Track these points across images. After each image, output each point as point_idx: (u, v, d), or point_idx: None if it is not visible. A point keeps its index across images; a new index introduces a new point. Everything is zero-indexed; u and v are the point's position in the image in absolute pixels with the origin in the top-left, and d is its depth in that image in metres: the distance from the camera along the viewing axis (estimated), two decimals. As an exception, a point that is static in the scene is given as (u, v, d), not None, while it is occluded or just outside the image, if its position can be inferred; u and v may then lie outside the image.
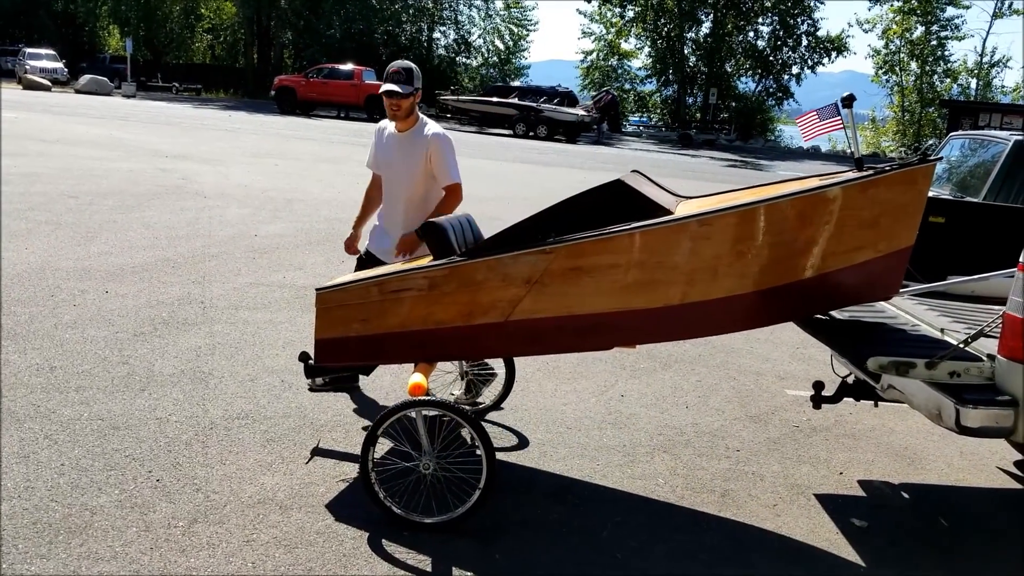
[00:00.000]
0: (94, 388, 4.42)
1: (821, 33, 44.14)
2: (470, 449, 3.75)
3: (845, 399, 4.02)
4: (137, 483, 3.49)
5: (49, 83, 35.53)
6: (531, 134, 30.73)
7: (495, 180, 15.66)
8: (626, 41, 47.92)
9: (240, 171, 13.60)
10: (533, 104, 31.20)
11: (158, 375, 4.68)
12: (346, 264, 4.52)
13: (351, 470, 3.75)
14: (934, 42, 41.37)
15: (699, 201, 3.79)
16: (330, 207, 10.76)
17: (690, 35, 44.98)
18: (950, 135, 8.26)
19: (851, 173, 3.35)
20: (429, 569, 3.08)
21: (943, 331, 3.51)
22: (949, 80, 42.07)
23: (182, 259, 7.36)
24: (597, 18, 47.56)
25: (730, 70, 45.53)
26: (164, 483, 3.51)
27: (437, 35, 49.28)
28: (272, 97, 33.28)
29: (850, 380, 3.97)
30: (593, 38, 48.55)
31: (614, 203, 3.49)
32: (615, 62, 48.99)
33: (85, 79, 36.47)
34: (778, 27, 44.15)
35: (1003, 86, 42.16)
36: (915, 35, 41.51)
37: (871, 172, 3.21)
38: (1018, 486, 4.27)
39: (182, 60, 50.47)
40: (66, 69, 39.59)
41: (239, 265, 7.33)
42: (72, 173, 11.69)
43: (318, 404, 4.49)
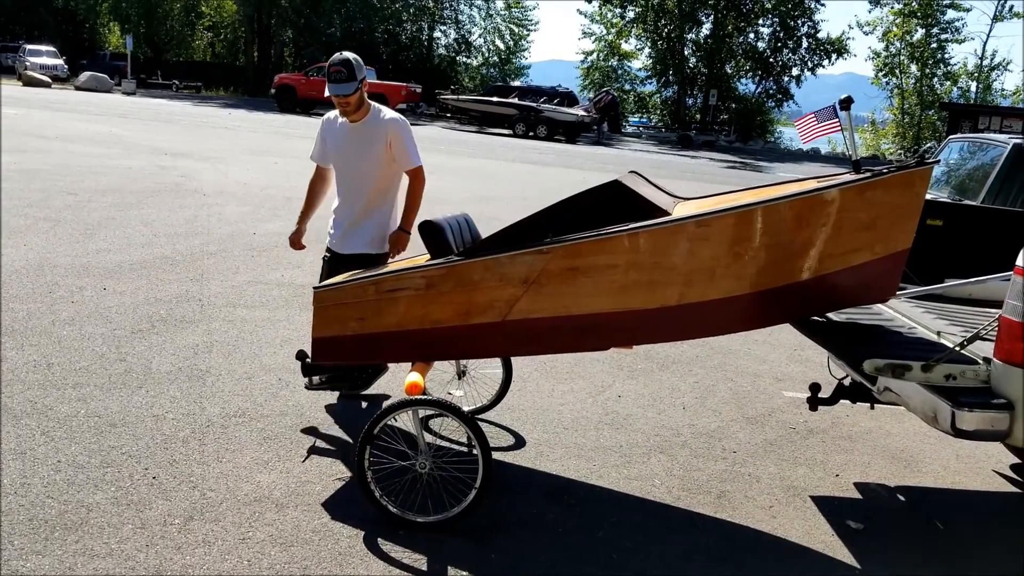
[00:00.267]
0: (91, 385, 4.43)
1: (821, 35, 44.16)
2: (466, 448, 3.76)
3: (842, 401, 4.04)
4: (133, 480, 3.49)
5: (49, 80, 35.49)
6: (531, 134, 30.73)
7: (494, 180, 15.66)
8: (626, 42, 47.94)
9: (239, 169, 13.60)
10: (533, 104, 31.20)
11: (155, 372, 4.69)
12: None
13: (347, 469, 3.76)
14: (934, 45, 41.39)
15: (697, 202, 3.80)
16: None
17: (690, 36, 44.98)
18: (949, 138, 8.28)
19: (849, 175, 3.35)
20: (425, 568, 3.08)
21: (939, 334, 3.51)
22: (949, 83, 42.10)
23: (180, 257, 7.36)
24: (598, 18, 47.58)
25: (730, 71, 45.52)
26: (160, 480, 3.52)
27: (438, 34, 49.34)
28: (272, 95, 33.24)
29: (847, 382, 3.98)
30: (593, 38, 48.58)
31: (612, 204, 3.50)
32: (615, 63, 48.99)
33: (85, 76, 36.44)
34: (778, 29, 44.15)
35: (1003, 89, 42.22)
36: (915, 38, 41.52)
37: (868, 174, 3.21)
38: (1013, 489, 4.27)
39: (182, 57, 50.44)
40: (66, 66, 39.55)
41: (237, 263, 7.33)
42: (71, 170, 11.69)
43: (315, 403, 4.49)
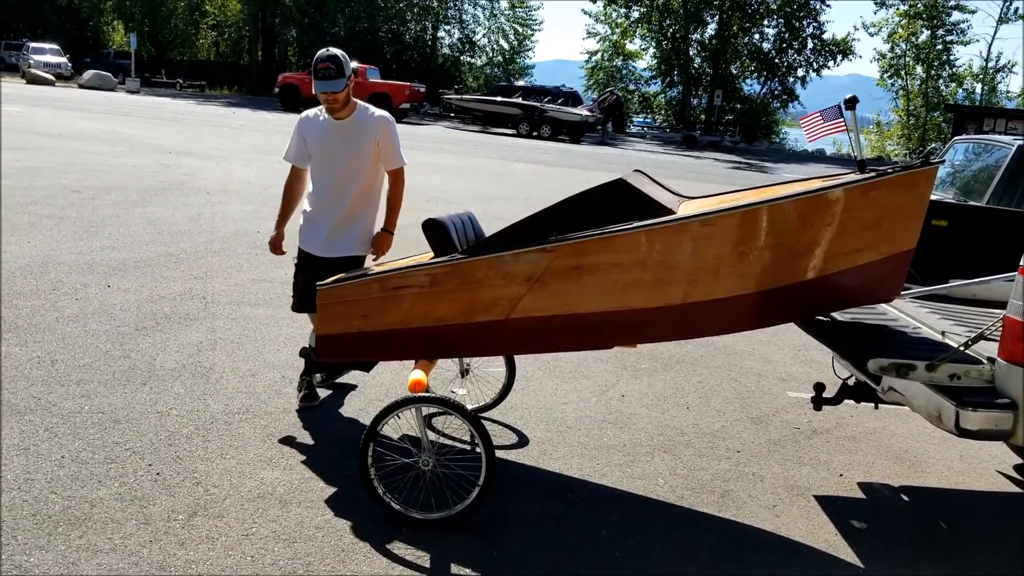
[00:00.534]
0: (95, 382, 4.43)
1: (827, 36, 44.16)
2: (469, 446, 3.76)
3: (846, 401, 4.03)
4: (137, 476, 3.50)
5: (53, 78, 35.57)
6: (535, 134, 30.74)
7: (498, 180, 15.66)
8: (631, 42, 47.95)
9: (243, 167, 13.61)
10: (537, 104, 31.22)
11: (159, 369, 4.69)
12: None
13: (351, 466, 3.76)
14: (939, 46, 41.35)
15: (701, 201, 3.80)
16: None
17: (695, 36, 44.97)
18: (954, 139, 8.26)
19: (853, 175, 3.35)
20: (427, 565, 3.08)
21: (944, 334, 3.51)
22: (954, 84, 42.06)
23: (184, 254, 7.37)
24: (602, 18, 47.57)
25: (735, 72, 45.50)
26: (164, 476, 3.52)
27: (441, 34, 49.42)
28: (276, 94, 33.28)
29: (851, 382, 3.97)
30: (598, 38, 48.58)
31: (616, 202, 3.49)
32: (620, 63, 49.00)
33: (89, 74, 36.52)
34: (783, 29, 44.14)
35: (1008, 91, 42.21)
36: (921, 39, 41.48)
37: (873, 174, 3.20)
38: (1017, 490, 4.27)
39: (186, 56, 50.52)
40: (70, 64, 39.64)
41: (241, 261, 7.34)
42: (75, 168, 11.71)
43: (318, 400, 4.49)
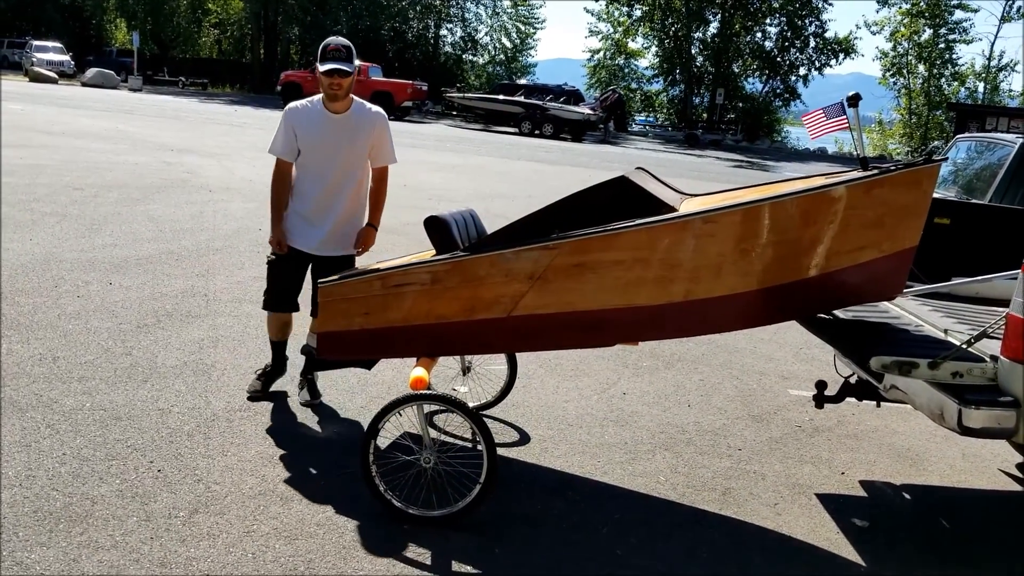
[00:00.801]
0: (97, 379, 4.43)
1: (829, 35, 44.13)
2: (470, 444, 3.75)
3: (848, 399, 4.02)
4: (138, 473, 3.50)
5: (56, 76, 35.59)
6: (537, 132, 30.73)
7: (500, 178, 15.66)
8: (633, 40, 47.92)
9: (245, 165, 13.61)
10: (539, 102, 31.22)
11: (161, 367, 4.69)
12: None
13: (352, 463, 3.76)
14: (942, 45, 41.28)
15: (704, 199, 3.79)
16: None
17: (697, 35, 44.94)
18: (956, 137, 8.24)
19: (856, 173, 3.34)
20: (428, 562, 3.08)
21: (946, 332, 3.50)
22: (956, 83, 41.98)
23: (186, 252, 7.37)
24: (604, 17, 47.56)
25: (737, 70, 45.47)
26: (165, 473, 3.52)
27: (444, 32, 49.41)
28: (278, 92, 33.28)
29: (853, 380, 3.96)
30: (600, 37, 48.54)
31: (618, 199, 3.49)
32: (622, 61, 48.95)
33: (92, 72, 36.55)
34: (786, 28, 44.09)
35: (1011, 90, 42.09)
36: (923, 38, 41.41)
37: (876, 172, 3.19)
38: (1019, 488, 4.26)
39: (189, 54, 50.54)
40: (73, 62, 39.66)
41: (243, 259, 7.34)
42: (77, 165, 11.72)
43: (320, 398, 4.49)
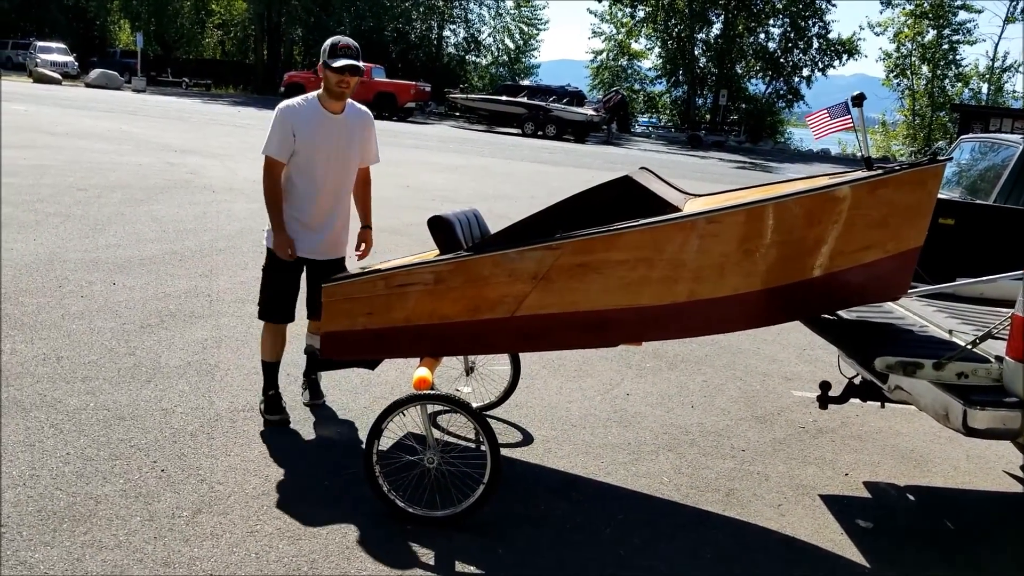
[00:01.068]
0: (100, 379, 4.44)
1: (832, 36, 44.02)
2: (474, 444, 3.75)
3: (852, 400, 4.02)
4: (142, 473, 3.50)
5: (59, 77, 35.65)
6: (540, 133, 30.73)
7: (503, 179, 15.66)
8: (636, 41, 47.84)
9: (248, 166, 13.62)
10: (542, 103, 31.20)
11: (164, 367, 4.70)
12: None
13: (355, 463, 3.75)
14: (945, 46, 41.18)
15: (707, 199, 3.79)
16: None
17: (701, 36, 44.86)
18: (960, 138, 8.23)
19: (860, 173, 3.33)
20: (432, 563, 3.08)
21: (951, 332, 3.49)
22: (960, 84, 41.89)
23: (190, 252, 7.38)
24: (608, 18, 47.50)
25: (740, 72, 45.39)
26: (169, 473, 3.52)
27: (447, 33, 49.39)
28: (282, 93, 33.29)
29: (857, 381, 3.96)
30: (603, 38, 48.49)
31: (622, 199, 3.49)
32: (625, 62, 48.89)
33: (95, 73, 36.59)
34: (789, 29, 44.00)
35: (1015, 91, 42.02)
36: (927, 39, 41.32)
37: (880, 172, 3.19)
38: (1023, 490, 4.25)
39: (192, 55, 50.59)
40: (76, 63, 39.75)
41: (246, 259, 7.34)
42: (81, 166, 11.74)
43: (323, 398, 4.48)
